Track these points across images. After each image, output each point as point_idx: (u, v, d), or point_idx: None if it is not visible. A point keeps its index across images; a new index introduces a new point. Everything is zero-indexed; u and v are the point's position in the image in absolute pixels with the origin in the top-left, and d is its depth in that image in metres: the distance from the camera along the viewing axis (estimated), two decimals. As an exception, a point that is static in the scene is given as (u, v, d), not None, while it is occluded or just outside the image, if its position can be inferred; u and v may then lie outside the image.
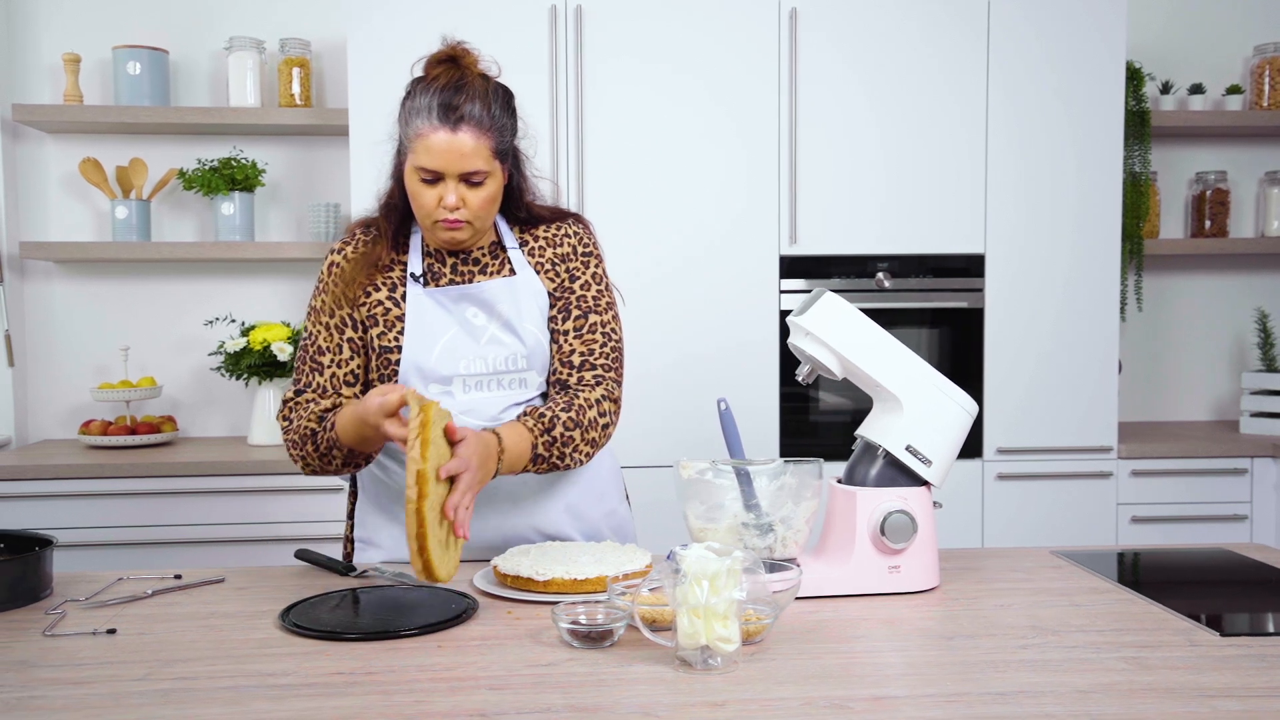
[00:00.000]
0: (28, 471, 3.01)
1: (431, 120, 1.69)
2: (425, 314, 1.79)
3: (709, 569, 1.26)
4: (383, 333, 1.79)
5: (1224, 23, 3.84)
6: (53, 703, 1.18)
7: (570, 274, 1.86)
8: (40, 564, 1.59)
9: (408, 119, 1.73)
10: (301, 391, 1.80)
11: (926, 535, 1.62)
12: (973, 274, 3.26)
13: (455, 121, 1.69)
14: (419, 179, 1.73)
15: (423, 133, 1.70)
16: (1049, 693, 1.19)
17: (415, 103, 1.72)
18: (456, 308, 1.80)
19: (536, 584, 1.57)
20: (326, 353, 1.80)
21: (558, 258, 1.87)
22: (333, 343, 1.80)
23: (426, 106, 1.70)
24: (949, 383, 1.65)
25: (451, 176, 1.71)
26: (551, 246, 1.88)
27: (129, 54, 3.35)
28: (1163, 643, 1.36)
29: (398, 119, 1.78)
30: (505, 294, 1.81)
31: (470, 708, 1.16)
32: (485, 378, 1.79)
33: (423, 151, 1.70)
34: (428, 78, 1.74)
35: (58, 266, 3.53)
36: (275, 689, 1.22)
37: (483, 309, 1.81)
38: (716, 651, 1.27)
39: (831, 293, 1.64)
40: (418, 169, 1.72)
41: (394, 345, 1.78)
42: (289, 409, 1.79)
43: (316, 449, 1.73)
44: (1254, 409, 3.54)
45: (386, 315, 1.80)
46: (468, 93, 1.70)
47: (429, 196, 1.73)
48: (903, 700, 1.18)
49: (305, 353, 1.82)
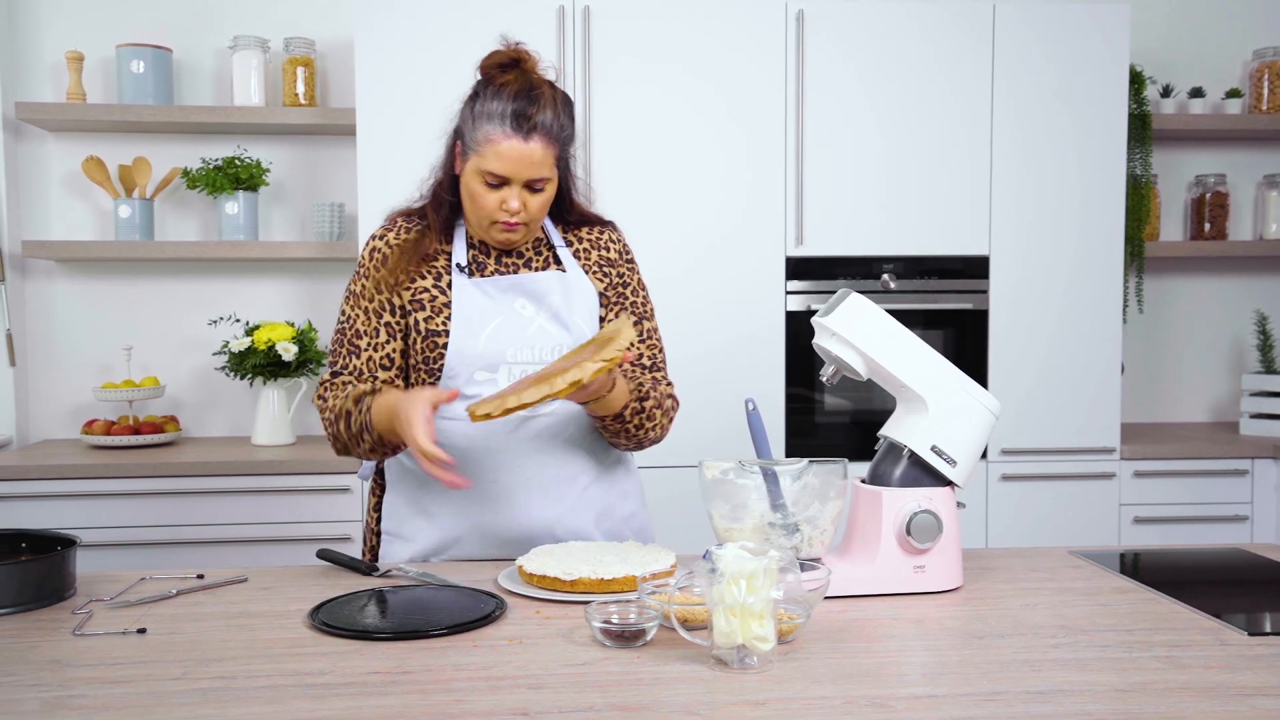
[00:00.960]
0: (32, 471, 3.00)
1: (505, 128, 1.72)
2: (472, 302, 1.81)
3: (746, 568, 1.27)
4: (429, 317, 1.80)
5: (1224, 26, 3.86)
6: (93, 701, 1.17)
7: (620, 278, 1.93)
8: (65, 564, 1.58)
9: (476, 122, 1.75)
10: (338, 374, 1.82)
11: (951, 535, 1.62)
12: (977, 275, 3.28)
13: (528, 131, 1.72)
14: (483, 181, 1.76)
15: (494, 139, 1.72)
16: (1086, 692, 1.20)
17: (486, 107, 1.74)
18: (504, 298, 1.82)
19: (563, 584, 1.57)
20: (364, 336, 1.81)
21: (604, 260, 1.92)
22: (370, 326, 1.81)
23: (500, 113, 1.72)
24: (973, 382, 1.65)
25: (517, 182, 1.75)
26: (596, 249, 1.93)
27: (133, 52, 3.34)
28: (1193, 642, 1.37)
29: (461, 118, 1.80)
30: (557, 287, 1.85)
31: (512, 706, 1.16)
32: (531, 367, 1.80)
33: (493, 157, 1.73)
34: (496, 82, 1.76)
35: (59, 266, 3.51)
36: (314, 688, 1.21)
37: (531, 300, 1.83)
38: (752, 651, 1.27)
39: (857, 294, 1.64)
40: (484, 172, 1.75)
41: (441, 329, 1.80)
42: (325, 389, 1.82)
43: (349, 428, 1.75)
44: (1254, 410, 3.57)
45: (433, 301, 1.81)
46: (540, 102, 1.73)
47: (491, 199, 1.76)
48: (942, 699, 1.18)
49: (342, 335, 1.83)
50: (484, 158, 1.74)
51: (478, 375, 1.79)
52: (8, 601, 1.50)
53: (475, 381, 1.79)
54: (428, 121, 3.07)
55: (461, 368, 1.78)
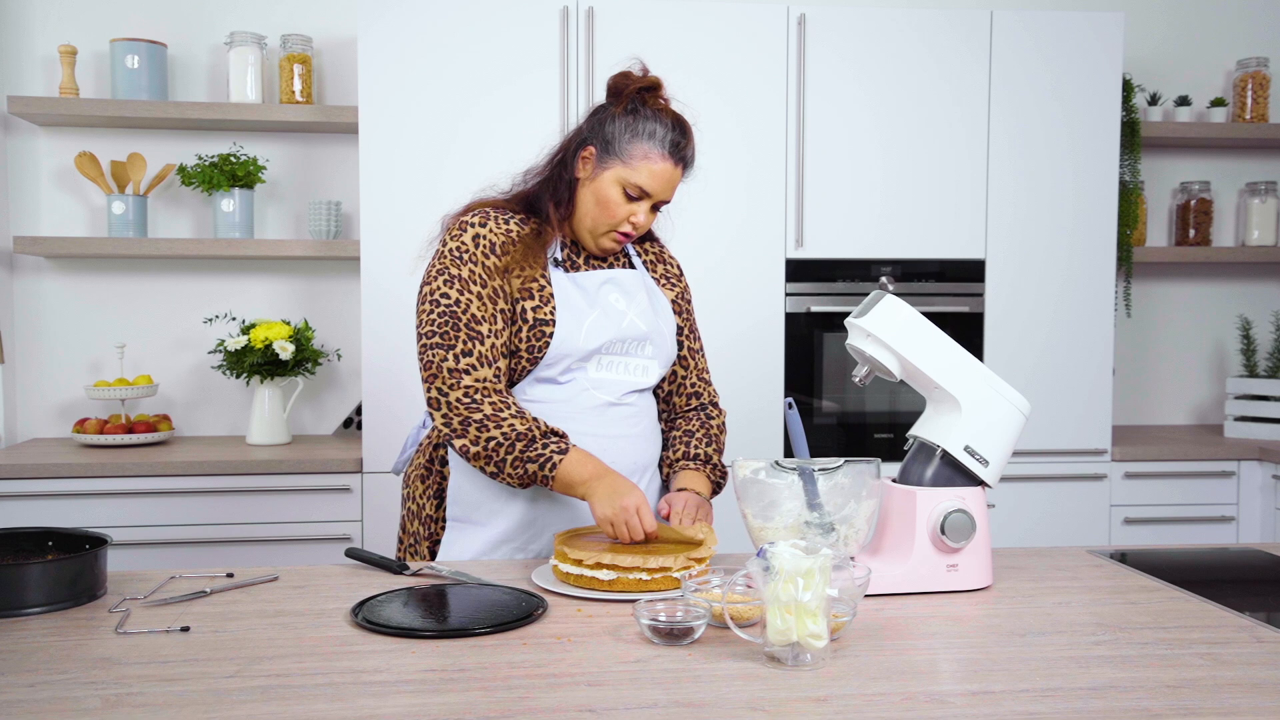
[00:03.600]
0: (23, 470, 2.96)
1: (664, 150, 1.83)
2: (572, 294, 1.86)
3: (801, 566, 1.28)
4: (538, 306, 1.83)
5: (1210, 36, 3.93)
6: (153, 699, 1.17)
7: (684, 294, 2.07)
8: (98, 562, 1.57)
9: (632, 137, 1.82)
10: (466, 355, 1.77)
11: (982, 534, 1.65)
12: (973, 279, 3.31)
13: (679, 159, 1.86)
14: (623, 193, 1.83)
15: (651, 157, 1.83)
16: (1139, 688, 1.22)
17: (646, 125, 1.83)
18: (599, 291, 1.89)
19: (601, 584, 1.58)
20: (483, 322, 1.80)
21: (669, 274, 2.06)
22: (488, 312, 1.81)
23: (661, 138, 1.83)
24: (1003, 382, 1.67)
25: (652, 200, 1.86)
26: (661, 262, 2.06)
27: (127, 47, 3.30)
28: (1230, 639, 1.40)
29: (605, 128, 1.84)
30: (642, 286, 1.96)
31: (577, 703, 1.17)
32: (618, 360, 1.89)
33: (646, 174, 1.83)
34: (652, 105, 1.84)
35: (49, 262, 3.47)
36: (373, 685, 1.21)
37: (623, 295, 1.91)
38: (806, 648, 1.29)
39: (892, 294, 1.66)
40: (629, 184, 1.82)
41: (549, 319, 1.83)
42: (459, 380, 1.76)
43: (519, 452, 1.74)
44: (1239, 413, 3.63)
45: (541, 291, 1.84)
46: (689, 136, 1.88)
47: (624, 210, 1.85)
48: (999, 695, 1.20)
49: (455, 320, 1.78)
50: (636, 172, 1.82)
51: (573, 365, 1.85)
52: (42, 600, 1.49)
53: (571, 370, 1.85)
54: (430, 119, 3.11)
55: (561, 357, 1.83)
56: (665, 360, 1.95)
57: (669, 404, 2.06)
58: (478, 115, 3.12)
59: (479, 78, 3.12)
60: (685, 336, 2.05)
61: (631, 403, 1.91)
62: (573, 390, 1.86)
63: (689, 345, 2.06)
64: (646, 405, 1.95)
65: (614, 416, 1.88)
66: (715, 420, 2.06)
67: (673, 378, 2.05)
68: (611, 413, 1.88)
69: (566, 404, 1.85)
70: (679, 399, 2.06)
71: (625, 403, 1.89)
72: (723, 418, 2.08)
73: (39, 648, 1.34)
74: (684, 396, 2.06)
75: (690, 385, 2.06)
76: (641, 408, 1.93)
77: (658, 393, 2.05)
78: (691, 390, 2.06)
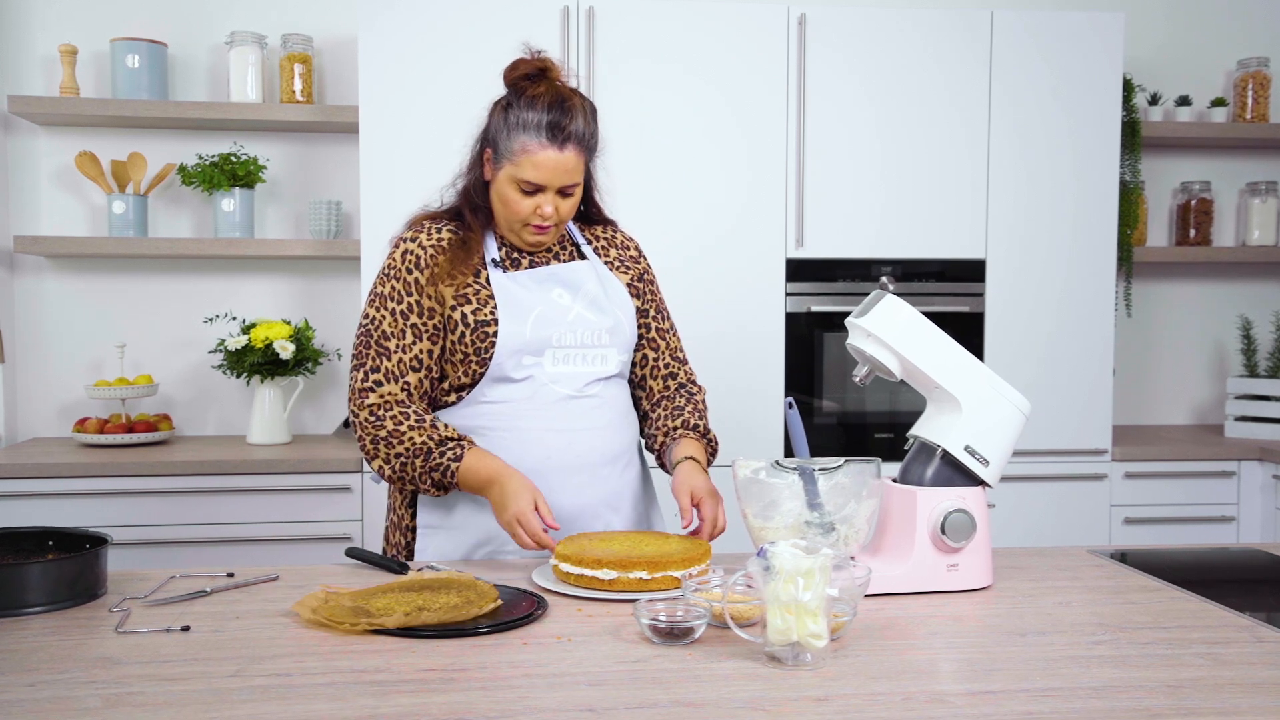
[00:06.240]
0: (23, 470, 2.96)
1: (540, 138, 1.79)
2: (513, 293, 1.86)
3: (802, 566, 1.28)
4: (477, 309, 1.83)
5: (1210, 36, 3.93)
6: (154, 698, 1.17)
7: (644, 275, 2.02)
8: (99, 562, 1.57)
9: (510, 132, 1.81)
10: (374, 372, 1.82)
11: (983, 534, 1.65)
12: (974, 279, 3.31)
13: (563, 141, 1.79)
14: (518, 189, 1.81)
15: (530, 149, 1.79)
16: (1140, 687, 1.22)
17: (520, 117, 1.80)
18: (541, 288, 1.88)
19: (601, 583, 1.58)
20: (391, 338, 1.83)
21: (625, 258, 2.02)
22: (396, 328, 1.83)
23: (535, 124, 1.78)
24: (1003, 382, 1.68)
25: (551, 189, 1.81)
26: (614, 246, 2.03)
27: (127, 46, 3.30)
28: (1230, 639, 1.40)
29: (492, 128, 1.85)
30: (591, 276, 1.93)
31: (578, 703, 1.17)
32: (573, 351, 1.87)
33: (529, 167, 1.79)
34: (528, 94, 1.81)
35: (49, 261, 3.47)
36: (374, 685, 1.21)
37: (568, 289, 1.89)
38: (806, 648, 1.29)
39: (893, 295, 1.66)
40: (519, 181, 1.81)
41: (490, 319, 1.83)
42: (378, 407, 1.81)
43: (418, 465, 1.79)
44: (1239, 413, 3.63)
45: (478, 295, 1.85)
46: (572, 112, 1.81)
47: (525, 205, 1.83)
48: (999, 694, 1.20)
49: (369, 338, 1.84)
50: (520, 167, 1.80)
51: (525, 360, 1.84)
52: (42, 600, 1.49)
53: (523, 365, 1.84)
54: (431, 119, 3.11)
55: (510, 354, 1.83)
56: (624, 345, 1.93)
57: (645, 388, 2.03)
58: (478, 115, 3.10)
59: (480, 77, 3.10)
60: (651, 318, 2.02)
61: (595, 394, 1.88)
62: (531, 387, 1.85)
63: (656, 326, 2.03)
64: (612, 395, 1.92)
65: (577, 409, 1.87)
66: (698, 396, 2.04)
67: (644, 361, 2.02)
68: (573, 405, 1.86)
69: (527, 401, 1.85)
70: (655, 382, 2.03)
71: (588, 394, 1.88)
72: (703, 394, 2.06)
73: (39, 647, 1.34)
74: (659, 379, 2.03)
75: (665, 366, 2.03)
76: (606, 398, 1.90)
77: (631, 378, 2.03)
78: (667, 371, 2.03)
